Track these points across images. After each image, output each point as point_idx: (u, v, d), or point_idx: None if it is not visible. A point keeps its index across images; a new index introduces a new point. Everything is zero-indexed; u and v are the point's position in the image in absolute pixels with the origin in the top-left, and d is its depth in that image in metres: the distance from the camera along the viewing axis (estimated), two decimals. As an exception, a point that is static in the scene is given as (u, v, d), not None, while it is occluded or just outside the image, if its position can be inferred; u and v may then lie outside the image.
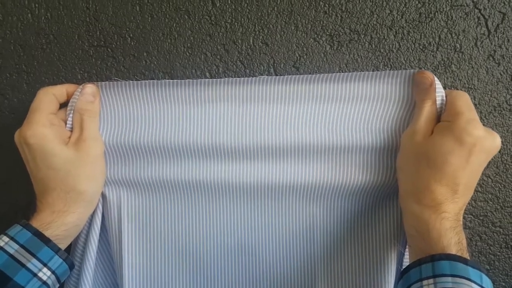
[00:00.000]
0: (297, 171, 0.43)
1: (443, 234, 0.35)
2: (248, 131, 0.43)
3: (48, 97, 0.40)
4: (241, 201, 0.45)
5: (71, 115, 0.42)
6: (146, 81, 0.43)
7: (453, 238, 0.35)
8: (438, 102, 0.39)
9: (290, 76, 0.42)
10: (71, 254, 0.44)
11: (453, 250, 0.35)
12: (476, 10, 0.42)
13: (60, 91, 0.41)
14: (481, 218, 0.47)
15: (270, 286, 0.46)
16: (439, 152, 0.37)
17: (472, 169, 0.37)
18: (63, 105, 0.43)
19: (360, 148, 0.42)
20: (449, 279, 0.33)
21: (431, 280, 0.33)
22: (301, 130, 0.42)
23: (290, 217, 0.45)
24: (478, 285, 0.33)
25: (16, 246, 0.36)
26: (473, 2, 0.42)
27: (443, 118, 0.39)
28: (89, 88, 0.42)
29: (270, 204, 0.45)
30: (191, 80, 0.42)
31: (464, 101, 0.38)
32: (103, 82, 0.43)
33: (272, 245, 0.46)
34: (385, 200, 0.44)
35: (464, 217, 0.47)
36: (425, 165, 0.37)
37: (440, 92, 0.39)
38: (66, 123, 0.42)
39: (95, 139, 0.41)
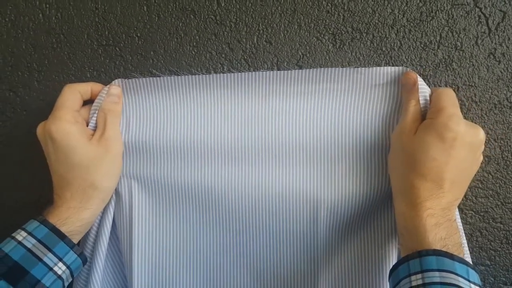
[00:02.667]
0: (298, 174, 0.44)
1: (428, 231, 0.36)
2: (248, 131, 0.44)
3: (74, 94, 0.42)
4: (244, 206, 0.45)
5: (95, 114, 0.43)
6: (164, 77, 0.44)
7: (438, 234, 0.36)
8: (422, 101, 0.40)
9: (283, 71, 0.43)
10: (81, 247, 0.46)
11: (437, 246, 0.35)
12: (477, 9, 0.43)
13: (85, 88, 0.43)
14: (481, 214, 0.47)
15: (273, 284, 0.47)
16: (422, 148, 0.37)
17: (456, 164, 0.37)
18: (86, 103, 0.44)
19: (356, 147, 0.43)
20: (437, 273, 0.33)
21: (419, 275, 0.34)
22: (300, 129, 0.43)
23: (293, 221, 0.45)
24: (465, 279, 0.33)
25: (33, 241, 0.37)
26: (473, 0, 0.43)
27: (428, 116, 0.40)
28: (115, 89, 0.43)
29: (273, 206, 0.45)
30: (209, 76, 0.43)
31: (448, 97, 0.39)
32: (124, 81, 0.44)
33: (273, 247, 0.46)
34: (385, 199, 0.44)
35: (465, 213, 0.47)
36: (411, 163, 0.38)
37: (423, 92, 0.40)
38: (87, 122, 0.43)
39: (116, 139, 0.43)
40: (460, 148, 0.37)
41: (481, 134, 0.38)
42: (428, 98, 0.40)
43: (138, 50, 0.46)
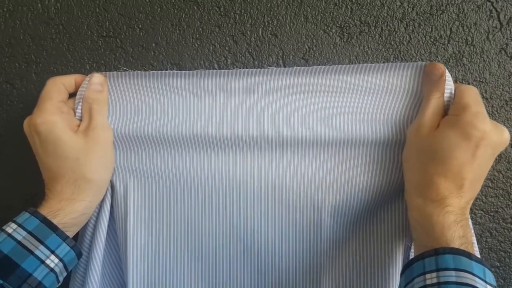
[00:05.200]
0: (303, 165, 0.43)
1: (446, 228, 0.35)
2: (254, 122, 0.42)
3: (57, 86, 0.41)
4: (246, 194, 0.44)
5: (80, 105, 0.42)
6: (153, 71, 0.43)
7: (456, 232, 0.35)
8: (446, 95, 0.39)
9: (297, 67, 0.42)
10: (78, 242, 0.44)
11: (456, 244, 0.34)
12: (488, 3, 0.42)
13: (68, 80, 0.42)
14: (491, 214, 0.46)
15: (273, 279, 0.46)
16: (445, 146, 0.36)
17: (478, 164, 0.36)
18: (72, 95, 0.43)
19: (367, 141, 0.42)
20: (453, 273, 0.32)
21: (434, 274, 0.33)
22: (307, 122, 0.42)
23: (296, 211, 0.44)
24: (482, 279, 0.32)
25: (24, 233, 0.36)
26: (485, -6, 0.42)
27: (450, 112, 0.38)
28: (97, 77, 0.42)
29: (276, 197, 0.44)
30: (198, 71, 0.42)
31: (472, 95, 0.38)
32: (111, 72, 0.43)
33: (275, 238, 0.45)
34: (392, 194, 0.43)
35: (474, 213, 0.46)
36: (430, 159, 0.37)
37: (449, 85, 0.39)
38: (75, 112, 0.42)
39: (103, 128, 0.41)
40: (485, 148, 0.35)
41: (506, 135, 0.37)
42: (453, 93, 0.39)
43: (140, 42, 0.45)
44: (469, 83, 0.43)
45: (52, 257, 0.36)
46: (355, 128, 0.42)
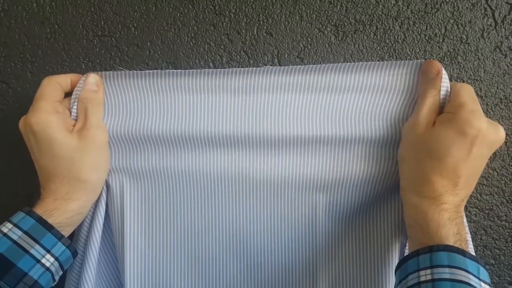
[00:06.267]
0: (298, 162, 0.43)
1: (441, 225, 0.35)
2: (249, 121, 0.42)
3: (53, 85, 0.40)
4: (240, 192, 0.45)
5: (75, 104, 0.42)
6: (148, 71, 0.43)
7: (451, 229, 0.35)
8: (443, 93, 0.39)
9: (292, 66, 0.42)
10: (74, 242, 0.44)
11: (450, 241, 0.34)
12: (483, 1, 0.42)
13: (64, 80, 0.42)
14: (486, 211, 0.46)
15: (269, 277, 0.46)
16: (441, 143, 0.36)
17: (474, 162, 0.36)
18: (67, 95, 0.43)
19: (362, 139, 0.42)
20: (447, 270, 0.32)
21: (428, 271, 0.33)
22: (302, 121, 0.42)
23: (291, 209, 0.45)
24: (476, 276, 0.32)
25: (19, 233, 0.36)
26: (480, -8, 0.42)
27: (446, 109, 0.38)
28: (92, 77, 0.42)
29: (271, 195, 0.44)
30: (193, 70, 0.42)
31: (468, 93, 0.38)
32: (106, 72, 0.43)
33: (270, 236, 0.45)
34: (387, 191, 0.43)
35: (469, 211, 0.46)
36: (426, 156, 0.37)
37: (445, 83, 0.39)
38: (70, 112, 0.42)
39: (99, 128, 0.41)
40: (481, 146, 0.36)
41: (502, 132, 0.37)
42: (449, 91, 0.39)
43: (135, 41, 0.45)
44: (463, 81, 0.43)
45: (48, 256, 0.36)
46: (351, 126, 0.42)
